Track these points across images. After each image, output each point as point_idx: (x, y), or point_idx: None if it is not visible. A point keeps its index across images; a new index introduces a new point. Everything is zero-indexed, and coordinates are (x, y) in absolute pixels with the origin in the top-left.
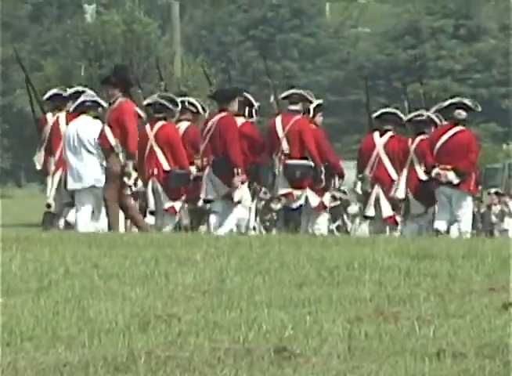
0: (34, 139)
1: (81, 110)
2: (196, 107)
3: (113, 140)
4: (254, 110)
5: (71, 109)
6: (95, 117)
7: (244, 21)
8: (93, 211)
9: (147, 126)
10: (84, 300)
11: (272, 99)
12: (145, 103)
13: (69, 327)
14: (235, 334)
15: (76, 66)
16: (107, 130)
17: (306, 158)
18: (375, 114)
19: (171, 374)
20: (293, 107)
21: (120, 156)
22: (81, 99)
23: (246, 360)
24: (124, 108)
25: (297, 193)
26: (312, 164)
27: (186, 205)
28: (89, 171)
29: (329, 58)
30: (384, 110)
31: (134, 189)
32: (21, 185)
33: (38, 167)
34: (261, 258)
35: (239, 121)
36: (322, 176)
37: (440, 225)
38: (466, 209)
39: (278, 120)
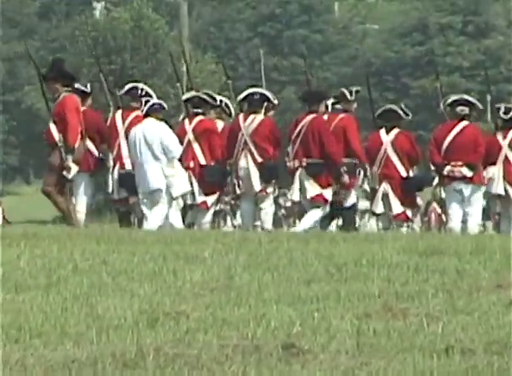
0: (42, 136)
1: (148, 112)
2: (229, 109)
3: (56, 135)
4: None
5: (144, 111)
6: (160, 120)
7: (252, 18)
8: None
9: (186, 121)
10: (93, 296)
11: None
12: (183, 98)
13: (77, 324)
14: (243, 330)
15: (85, 62)
16: (52, 125)
17: (349, 156)
18: (376, 113)
19: (180, 370)
20: (337, 106)
21: (62, 150)
22: (152, 101)
23: (255, 357)
24: (67, 102)
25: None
26: (356, 161)
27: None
28: (153, 174)
29: (338, 54)
30: (383, 108)
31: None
32: (29, 182)
33: None
34: (270, 255)
35: (259, 117)
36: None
37: (455, 224)
38: (478, 204)
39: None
